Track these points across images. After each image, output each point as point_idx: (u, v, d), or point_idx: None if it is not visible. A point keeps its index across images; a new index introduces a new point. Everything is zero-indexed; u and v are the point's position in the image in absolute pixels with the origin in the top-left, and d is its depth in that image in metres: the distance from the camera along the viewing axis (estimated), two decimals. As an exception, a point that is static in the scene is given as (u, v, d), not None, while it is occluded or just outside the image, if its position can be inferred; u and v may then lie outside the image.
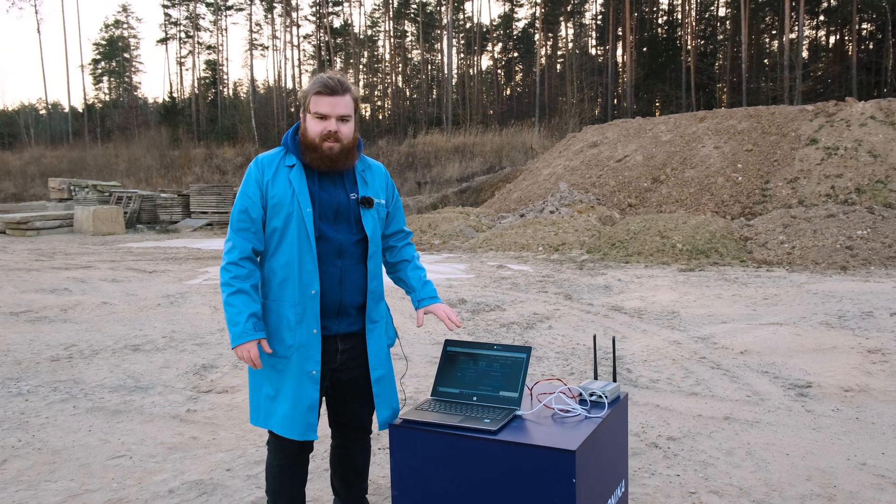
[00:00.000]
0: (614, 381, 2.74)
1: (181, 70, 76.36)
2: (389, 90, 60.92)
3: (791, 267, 11.34)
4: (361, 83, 61.37)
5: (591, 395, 2.59)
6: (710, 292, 9.04)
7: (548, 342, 6.50)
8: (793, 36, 40.73)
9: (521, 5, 61.36)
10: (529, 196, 19.90)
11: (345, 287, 2.59)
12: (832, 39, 49.06)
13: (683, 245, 12.70)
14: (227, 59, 65.50)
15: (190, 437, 4.12)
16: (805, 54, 44.86)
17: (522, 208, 18.61)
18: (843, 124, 17.12)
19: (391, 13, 59.87)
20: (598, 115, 46.91)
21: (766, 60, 49.08)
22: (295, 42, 63.06)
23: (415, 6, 58.98)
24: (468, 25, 61.41)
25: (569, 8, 56.45)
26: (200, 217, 23.39)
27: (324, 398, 2.70)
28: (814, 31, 49.67)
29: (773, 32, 49.20)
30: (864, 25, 44.04)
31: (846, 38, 46.18)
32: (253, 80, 62.20)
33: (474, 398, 2.58)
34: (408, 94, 60.93)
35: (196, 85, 62.98)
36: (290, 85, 60.06)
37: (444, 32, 54.12)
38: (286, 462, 2.67)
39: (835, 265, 11.23)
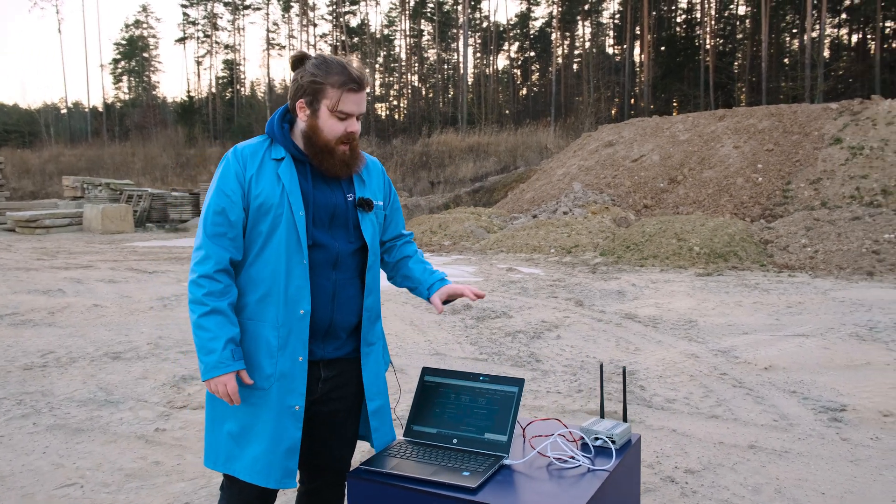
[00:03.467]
0: (624, 420, 2.29)
1: (199, 69, 76.44)
2: (405, 89, 60.59)
3: (814, 272, 10.79)
4: (378, 83, 61.07)
5: (596, 439, 2.15)
6: (730, 299, 8.54)
7: (555, 354, 6.04)
8: (814, 34, 39.85)
9: (538, 4, 60.87)
10: (543, 196, 19.41)
11: (337, 305, 2.14)
12: (854, 38, 48.07)
13: (701, 248, 12.18)
14: (244, 58, 65.47)
15: (153, 462, 3.72)
16: (826, 53, 43.91)
17: (535, 209, 18.14)
18: (869, 123, 16.48)
19: (408, 12, 59.51)
20: (615, 115, 46.29)
21: (786, 60, 48.17)
22: (312, 41, 62.75)
23: (431, 5, 58.59)
24: (485, 25, 60.95)
25: (586, 7, 55.78)
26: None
27: None
28: (836, 30, 48.66)
29: (794, 31, 48.30)
30: (888, 23, 42.99)
31: (869, 36, 45.23)
32: (270, 80, 62.15)
33: (454, 441, 2.15)
34: (424, 93, 60.55)
35: (213, 84, 63.00)
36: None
37: (461, 32, 53.65)
38: None
39: (861, 270, 10.68)
